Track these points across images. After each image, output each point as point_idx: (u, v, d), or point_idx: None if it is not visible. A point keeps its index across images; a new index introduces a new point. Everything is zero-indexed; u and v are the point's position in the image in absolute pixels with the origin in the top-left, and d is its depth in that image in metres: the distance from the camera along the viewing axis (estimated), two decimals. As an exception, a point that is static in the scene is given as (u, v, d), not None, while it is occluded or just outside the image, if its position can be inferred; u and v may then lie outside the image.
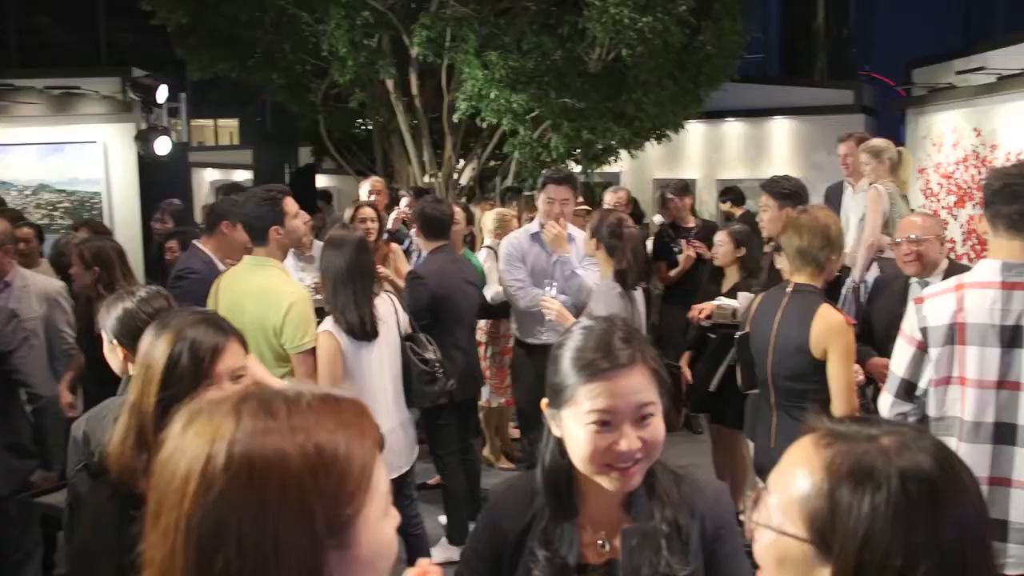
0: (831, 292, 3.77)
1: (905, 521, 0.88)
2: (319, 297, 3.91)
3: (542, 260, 4.79)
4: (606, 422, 1.47)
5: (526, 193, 9.54)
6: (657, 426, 1.51)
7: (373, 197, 6.39)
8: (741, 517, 4.26)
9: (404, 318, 3.90)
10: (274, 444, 0.84)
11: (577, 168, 9.30)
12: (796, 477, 0.96)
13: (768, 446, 3.48)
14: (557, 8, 9.02)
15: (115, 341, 2.40)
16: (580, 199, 4.86)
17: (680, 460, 1.68)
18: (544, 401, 1.58)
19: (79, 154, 8.40)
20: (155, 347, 1.81)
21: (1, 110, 8.34)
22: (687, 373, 4.95)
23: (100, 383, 3.10)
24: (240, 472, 0.82)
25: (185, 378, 1.77)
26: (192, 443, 0.86)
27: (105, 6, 21.31)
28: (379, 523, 0.90)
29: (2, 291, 4.10)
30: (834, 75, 26.52)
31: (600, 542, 1.58)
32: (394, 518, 0.94)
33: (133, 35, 20.58)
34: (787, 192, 4.34)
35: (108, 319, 2.41)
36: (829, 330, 3.21)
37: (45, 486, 3.49)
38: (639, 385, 1.49)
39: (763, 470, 3.59)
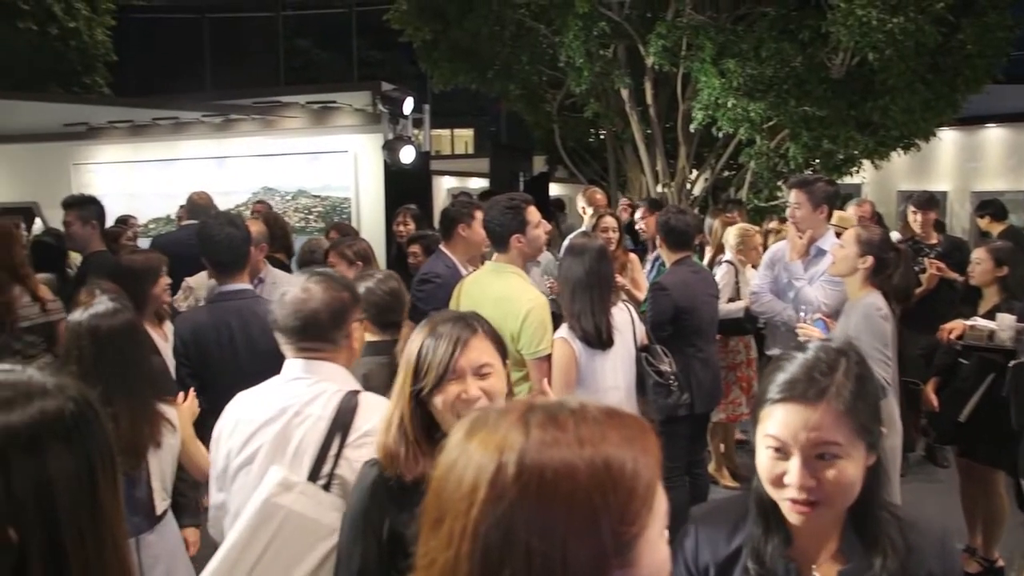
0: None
1: None
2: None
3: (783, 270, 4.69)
4: (779, 449, 1.44)
5: (760, 204, 9.27)
6: (842, 470, 1.42)
7: (589, 209, 6.44)
8: (1000, 563, 3.87)
9: (640, 328, 3.86)
10: (563, 456, 0.83)
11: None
12: None
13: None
14: (798, 12, 8.69)
15: None
16: (828, 212, 4.57)
17: (922, 495, 1.57)
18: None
19: (332, 163, 9.10)
20: (412, 342, 1.91)
21: (270, 124, 9.19)
22: (933, 400, 4.59)
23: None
24: (530, 484, 0.82)
25: (431, 371, 1.84)
26: (478, 452, 0.86)
27: (357, 27, 22.98)
28: (658, 543, 0.88)
29: (256, 286, 4.45)
30: None
31: None
32: (665, 539, 0.91)
33: (380, 52, 22.09)
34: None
35: None
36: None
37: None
38: (820, 423, 1.41)
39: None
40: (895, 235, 6.55)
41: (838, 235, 4.43)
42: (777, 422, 1.43)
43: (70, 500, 0.97)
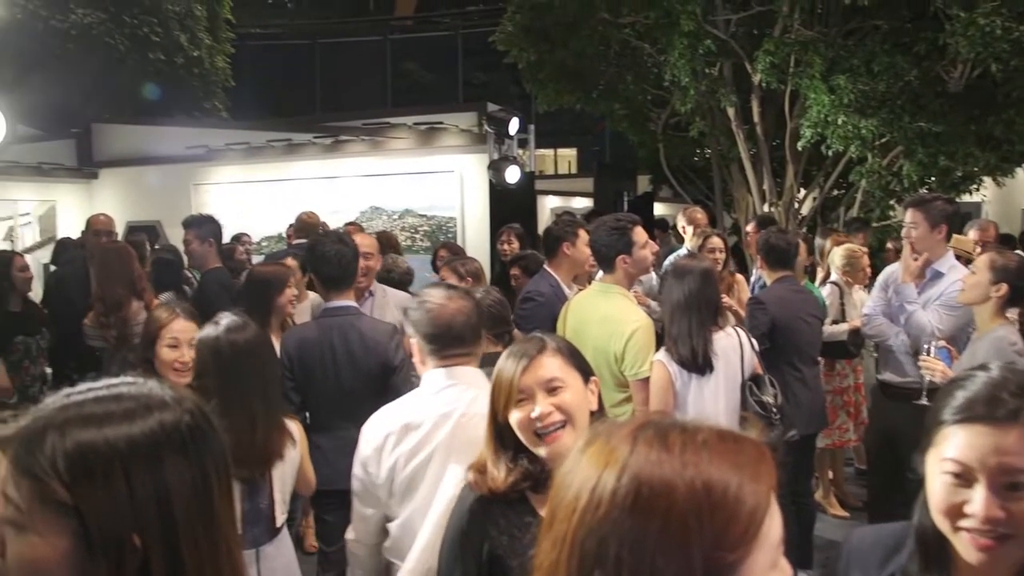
0: None
1: None
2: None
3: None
4: (960, 475, 1.30)
5: (874, 224, 8.95)
6: None
7: (689, 228, 6.34)
8: None
9: (750, 357, 3.70)
10: (663, 475, 0.84)
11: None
12: None
13: None
14: (912, 25, 8.36)
15: None
16: (946, 232, 4.32)
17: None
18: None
19: (438, 182, 9.25)
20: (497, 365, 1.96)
21: (378, 145, 9.43)
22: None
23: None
24: (626, 499, 0.84)
25: (501, 391, 1.90)
26: (586, 463, 0.89)
27: (463, 49, 23.40)
28: (766, 573, 0.86)
29: (366, 300, 4.53)
30: None
31: None
32: (784, 572, 0.89)
33: (485, 73, 22.41)
34: None
35: None
36: None
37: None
38: (1013, 447, 1.27)
39: None
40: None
41: (963, 260, 4.21)
42: (959, 444, 1.30)
43: (186, 509, 1.01)
